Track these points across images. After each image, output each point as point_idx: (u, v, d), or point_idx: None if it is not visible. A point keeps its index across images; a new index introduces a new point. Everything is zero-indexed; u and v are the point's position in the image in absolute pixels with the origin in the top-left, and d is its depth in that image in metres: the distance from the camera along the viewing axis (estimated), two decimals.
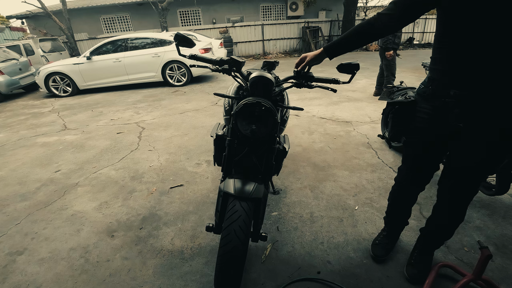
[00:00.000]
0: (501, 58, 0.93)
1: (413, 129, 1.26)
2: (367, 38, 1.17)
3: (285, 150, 1.49)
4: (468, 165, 1.13)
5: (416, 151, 1.29)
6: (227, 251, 1.10)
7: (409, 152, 1.33)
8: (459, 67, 1.03)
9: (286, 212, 1.97)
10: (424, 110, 1.18)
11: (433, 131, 1.18)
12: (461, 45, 1.00)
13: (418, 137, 1.25)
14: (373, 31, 1.14)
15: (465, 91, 1.02)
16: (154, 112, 4.69)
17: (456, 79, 1.05)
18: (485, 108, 1.02)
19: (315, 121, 3.76)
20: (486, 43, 0.94)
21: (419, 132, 1.23)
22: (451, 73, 1.06)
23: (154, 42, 6.52)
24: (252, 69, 1.42)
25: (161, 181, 2.48)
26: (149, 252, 1.68)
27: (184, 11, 13.66)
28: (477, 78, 0.99)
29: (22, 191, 2.48)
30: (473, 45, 0.97)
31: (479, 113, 1.04)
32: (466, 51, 0.99)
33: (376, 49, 11.88)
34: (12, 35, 14.81)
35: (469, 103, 1.04)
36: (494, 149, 1.06)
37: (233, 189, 1.17)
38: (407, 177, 1.37)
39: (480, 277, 1.26)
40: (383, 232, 1.62)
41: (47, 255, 1.71)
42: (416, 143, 1.27)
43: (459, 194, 1.21)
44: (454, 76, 1.05)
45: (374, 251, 1.55)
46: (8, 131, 4.32)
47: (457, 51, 1.02)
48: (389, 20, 1.10)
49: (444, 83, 1.08)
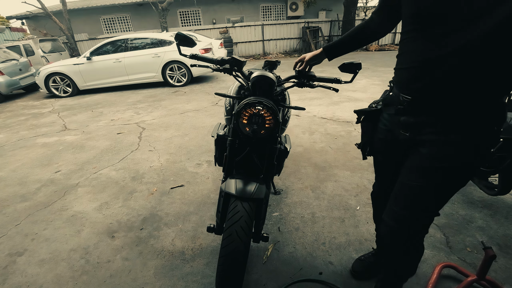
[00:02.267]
0: (446, 54, 0.76)
1: (376, 141, 1.15)
2: (365, 39, 1.16)
3: (286, 150, 1.48)
4: (411, 184, 0.93)
5: (379, 167, 1.21)
6: (228, 252, 1.09)
7: (375, 167, 1.24)
8: (404, 67, 0.91)
9: (288, 212, 1.96)
10: (383, 119, 1.09)
11: (390, 144, 1.07)
12: (404, 38, 0.89)
13: (379, 151, 1.15)
14: (369, 32, 1.13)
15: (410, 95, 0.89)
16: (154, 113, 4.69)
17: (403, 82, 0.92)
18: (433, 118, 0.86)
19: (316, 121, 3.75)
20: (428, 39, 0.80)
21: (379, 144, 1.13)
22: (399, 74, 0.94)
23: (154, 42, 6.51)
24: (253, 69, 1.41)
25: (161, 182, 2.47)
26: (149, 253, 1.67)
27: (184, 12, 13.66)
28: (420, 80, 0.84)
29: (22, 192, 2.47)
30: (414, 37, 0.84)
31: (425, 123, 0.88)
32: (409, 46, 0.87)
33: (376, 49, 11.88)
34: (12, 36, 14.82)
35: (414, 110, 0.90)
36: (434, 174, 0.88)
37: (235, 189, 1.16)
38: (375, 189, 1.30)
39: (483, 277, 1.25)
40: (372, 250, 1.52)
41: (47, 256, 1.70)
42: (378, 157, 1.19)
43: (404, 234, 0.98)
44: (401, 77, 0.93)
45: (353, 266, 1.45)
46: (8, 131, 4.32)
47: (402, 46, 0.91)
48: (379, 18, 1.08)
49: (398, 87, 0.96)
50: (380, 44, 12.73)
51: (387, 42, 13.03)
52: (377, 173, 1.25)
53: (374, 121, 1.16)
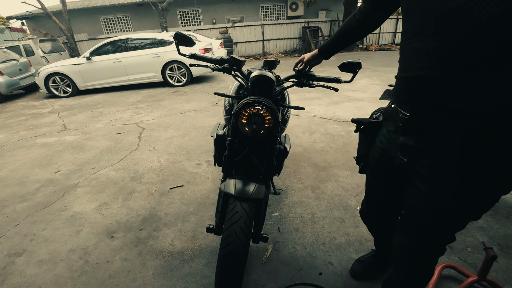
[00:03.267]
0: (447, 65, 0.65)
1: (370, 158, 1.04)
2: (354, 32, 1.11)
3: (286, 150, 1.48)
4: (413, 219, 0.84)
5: (369, 186, 1.12)
6: (227, 252, 1.08)
7: (366, 185, 1.15)
8: (403, 75, 0.78)
9: (287, 212, 1.95)
10: (381, 135, 0.97)
11: (383, 166, 0.97)
12: (403, 41, 0.78)
13: (371, 170, 1.06)
14: (357, 24, 1.07)
15: (407, 112, 0.77)
16: (154, 113, 4.68)
17: (400, 94, 0.81)
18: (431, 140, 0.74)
19: (316, 121, 3.74)
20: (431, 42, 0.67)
21: (373, 163, 1.03)
22: (397, 83, 0.82)
23: (154, 42, 6.51)
24: (252, 68, 1.41)
25: (161, 182, 2.46)
26: (149, 253, 1.66)
27: (184, 12, 13.65)
28: (420, 95, 0.72)
29: (22, 192, 2.47)
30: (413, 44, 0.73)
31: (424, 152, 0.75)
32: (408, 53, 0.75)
33: (376, 49, 11.87)
34: (12, 36, 14.83)
35: (414, 131, 0.78)
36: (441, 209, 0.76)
37: (234, 189, 1.16)
38: (363, 208, 1.23)
39: (484, 277, 1.25)
40: (372, 251, 1.49)
41: (46, 257, 1.69)
42: (368, 176, 1.10)
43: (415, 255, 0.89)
44: (399, 88, 0.81)
45: (353, 266, 1.43)
46: (8, 131, 4.31)
47: (401, 50, 0.80)
48: (365, 8, 1.01)
49: (396, 100, 0.84)
50: (380, 44, 12.73)
51: (387, 42, 13.02)
52: (367, 191, 1.16)
53: (372, 134, 1.06)
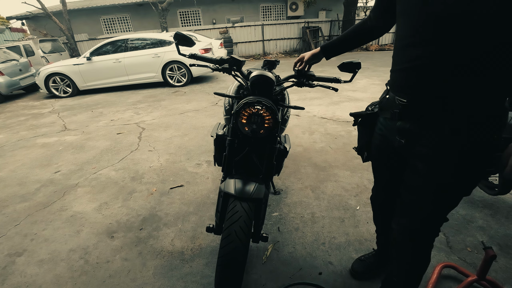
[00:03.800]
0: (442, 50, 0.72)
1: (372, 146, 1.12)
2: (362, 38, 1.16)
3: (286, 150, 1.48)
4: (413, 198, 0.92)
5: (376, 173, 1.18)
6: (227, 252, 1.08)
7: (373, 172, 1.21)
8: (398, 68, 0.87)
9: (287, 212, 1.96)
10: (379, 124, 1.05)
11: (384, 151, 1.04)
12: (397, 38, 0.86)
13: (375, 157, 1.13)
14: (367, 31, 1.12)
15: (405, 98, 0.85)
16: (154, 113, 4.69)
17: (397, 84, 0.89)
18: (429, 123, 0.81)
19: (316, 121, 3.74)
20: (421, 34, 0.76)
21: (375, 150, 1.11)
22: (393, 75, 0.91)
23: (154, 42, 6.51)
24: (252, 68, 1.41)
25: (161, 182, 2.46)
26: (149, 253, 1.66)
27: (184, 12, 13.66)
28: (414, 80, 0.81)
29: (22, 192, 2.47)
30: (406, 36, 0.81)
31: (421, 133, 0.84)
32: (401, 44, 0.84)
33: (376, 49, 11.87)
34: (12, 36, 14.84)
35: (410, 115, 0.86)
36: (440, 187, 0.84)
37: (234, 189, 1.16)
38: (373, 193, 1.28)
39: (484, 277, 1.25)
40: (373, 250, 1.51)
41: (46, 256, 1.70)
42: (374, 163, 1.16)
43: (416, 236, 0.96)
44: (395, 79, 0.90)
45: (353, 266, 1.44)
46: (8, 132, 4.32)
47: (395, 45, 0.88)
48: (375, 17, 1.06)
49: (393, 90, 0.92)
50: (380, 44, 12.73)
51: (387, 42, 13.02)
52: (375, 177, 1.22)
53: (370, 125, 1.12)
